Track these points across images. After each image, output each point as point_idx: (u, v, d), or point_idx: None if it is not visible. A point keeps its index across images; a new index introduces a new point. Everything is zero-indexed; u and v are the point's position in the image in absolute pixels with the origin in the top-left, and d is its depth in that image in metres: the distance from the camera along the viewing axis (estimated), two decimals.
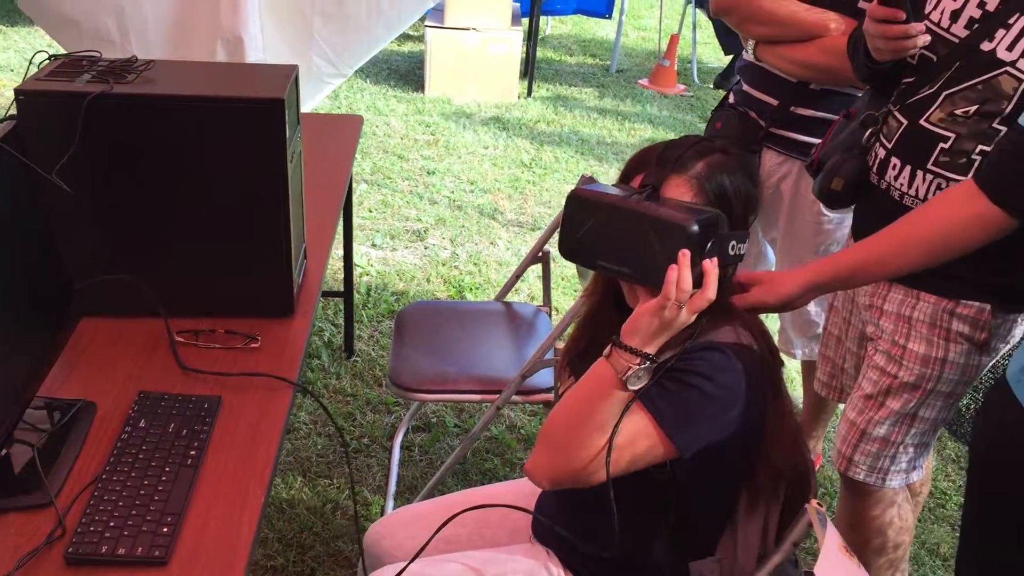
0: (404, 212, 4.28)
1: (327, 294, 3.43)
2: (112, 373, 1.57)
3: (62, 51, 2.85)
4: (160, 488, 1.31)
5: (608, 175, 4.80)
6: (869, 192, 1.80)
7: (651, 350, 1.25)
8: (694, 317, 1.24)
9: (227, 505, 1.31)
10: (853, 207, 1.92)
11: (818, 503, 1.32)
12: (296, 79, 1.74)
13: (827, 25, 2.07)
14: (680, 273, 1.21)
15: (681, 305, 1.22)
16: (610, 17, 7.41)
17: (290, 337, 1.73)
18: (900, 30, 1.62)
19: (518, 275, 2.62)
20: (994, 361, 1.76)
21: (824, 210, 2.21)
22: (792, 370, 3.03)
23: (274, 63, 3.03)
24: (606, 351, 1.28)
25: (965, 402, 3.00)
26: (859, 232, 1.90)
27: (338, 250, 3.44)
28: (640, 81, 6.79)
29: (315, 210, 2.14)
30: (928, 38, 1.64)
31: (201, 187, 1.62)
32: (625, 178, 1.40)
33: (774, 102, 2.23)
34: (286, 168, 1.62)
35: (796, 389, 2.96)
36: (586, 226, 1.33)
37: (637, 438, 1.28)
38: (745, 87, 2.30)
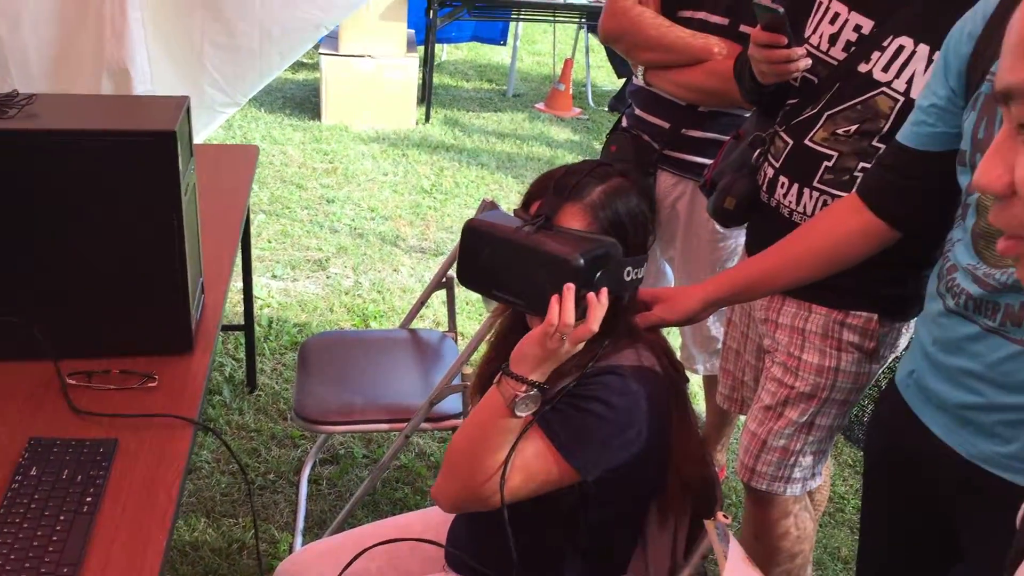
0: (304, 242, 4.23)
1: (227, 328, 3.35)
2: (0, 420, 1.50)
3: None
4: (55, 538, 1.26)
5: (509, 199, 4.84)
6: (760, 210, 1.86)
7: (537, 378, 1.27)
8: (579, 347, 1.27)
9: (127, 552, 1.26)
10: (746, 224, 1.99)
11: (724, 515, 1.34)
12: (188, 110, 1.70)
13: (711, 49, 2.14)
14: (563, 306, 1.24)
15: (563, 336, 1.24)
16: (504, 43, 7.51)
17: (189, 374, 1.68)
18: (783, 54, 1.69)
19: (422, 302, 2.61)
20: (883, 368, 1.84)
21: (719, 228, 2.27)
22: (695, 384, 3.10)
23: (164, 94, 2.97)
24: (496, 378, 1.30)
25: (856, 410, 3.12)
26: (752, 248, 1.97)
27: (237, 283, 3.37)
28: (536, 105, 6.88)
29: (212, 243, 2.10)
30: (809, 61, 1.72)
31: (91, 224, 1.57)
32: (525, 205, 1.41)
33: (665, 125, 2.29)
34: (180, 202, 1.59)
35: (699, 403, 3.02)
36: (481, 256, 1.35)
37: (535, 462, 1.31)
38: (637, 111, 2.36)
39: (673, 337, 3.66)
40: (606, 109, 6.97)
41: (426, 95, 6.27)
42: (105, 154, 1.52)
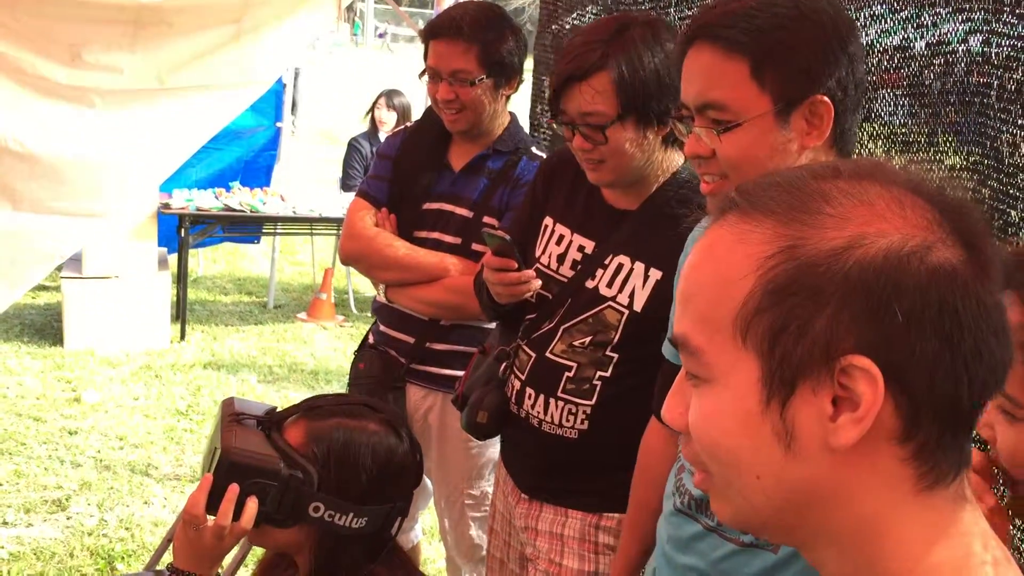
0: (42, 480, 3.88)
1: None
2: None
3: None
4: None
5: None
6: (512, 421, 1.93)
7: (192, 569, 1.35)
8: (227, 543, 1.34)
9: None
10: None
11: None
12: None
13: (446, 267, 2.27)
14: (197, 492, 1.33)
15: (196, 526, 1.32)
16: (258, 242, 7.49)
17: None
18: (514, 277, 1.82)
19: (169, 539, 2.44)
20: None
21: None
22: None
23: None
24: None
25: None
26: (507, 456, 2.02)
27: None
28: (299, 315, 6.86)
29: None
30: (539, 282, 1.85)
31: None
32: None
33: (410, 339, 2.37)
34: None
35: None
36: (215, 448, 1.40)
37: None
38: (382, 327, 2.43)
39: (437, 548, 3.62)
40: (369, 315, 7.05)
41: (181, 312, 6.11)
42: None
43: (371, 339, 2.48)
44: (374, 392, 2.35)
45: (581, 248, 1.83)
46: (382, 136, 6.95)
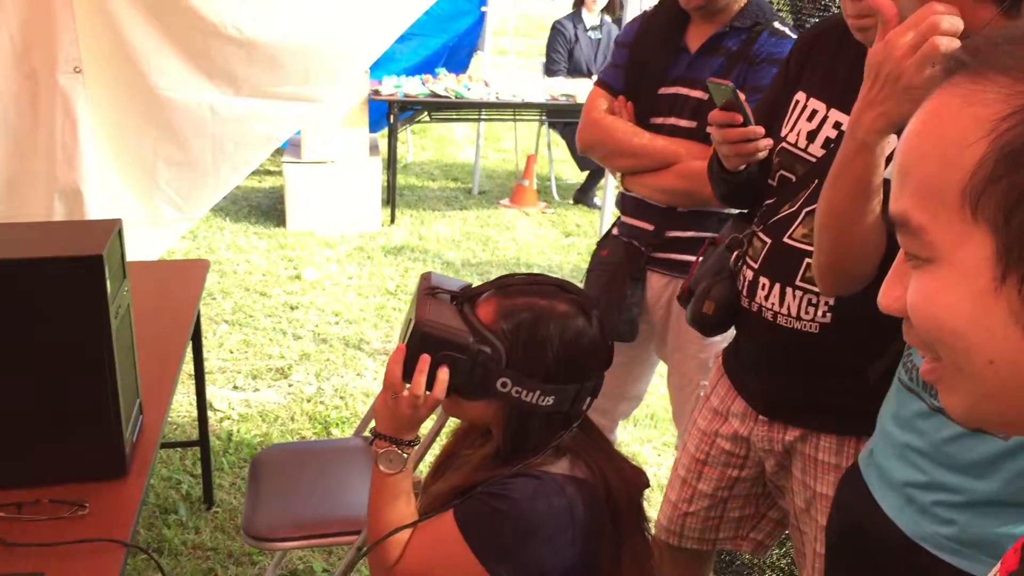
0: (267, 350, 4.21)
1: (183, 444, 3.30)
2: None
3: None
4: None
5: None
6: (741, 315, 1.81)
7: (391, 433, 1.40)
8: (421, 412, 1.37)
9: None
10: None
11: None
12: (120, 232, 1.71)
13: (678, 152, 2.20)
14: (391, 359, 1.36)
15: (394, 394, 1.36)
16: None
17: (123, 498, 1.65)
18: (739, 133, 1.68)
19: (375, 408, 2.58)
20: None
21: None
22: None
23: (111, 217, 2.99)
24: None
25: None
26: (730, 359, 1.94)
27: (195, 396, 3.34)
28: (502, 201, 6.97)
29: (154, 361, 2.08)
30: (769, 142, 1.70)
31: (20, 351, 1.56)
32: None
33: (650, 227, 2.33)
34: (109, 325, 1.58)
35: None
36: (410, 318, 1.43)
37: (442, 541, 1.36)
38: (623, 217, 2.41)
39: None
40: (571, 202, 7.07)
41: (391, 197, 6.35)
42: (32, 281, 1.53)
43: (615, 231, 2.46)
44: (612, 279, 2.34)
45: (837, 125, 1.66)
46: (587, 19, 6.79)
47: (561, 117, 6.70)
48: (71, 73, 2.78)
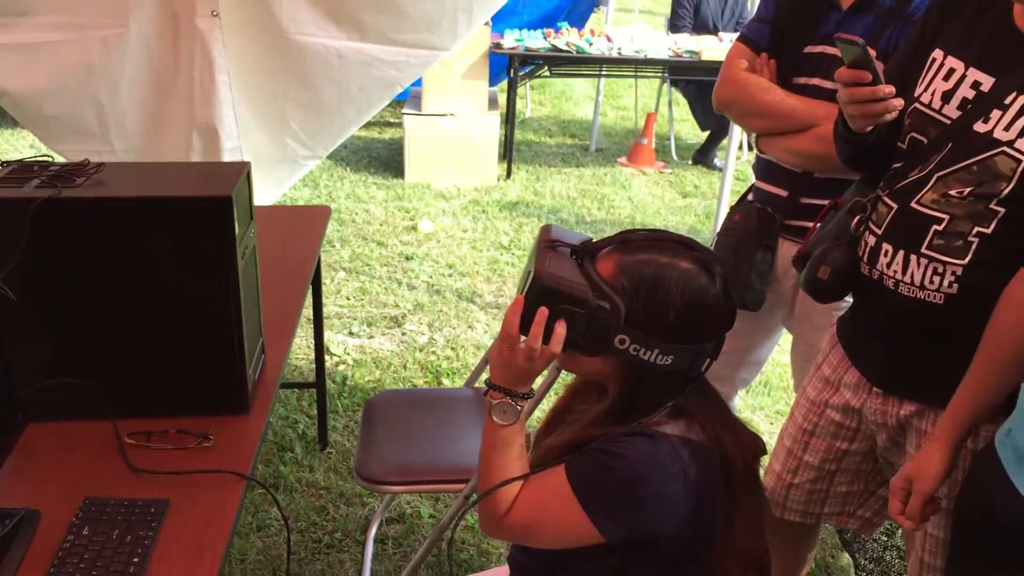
0: (382, 298, 4.29)
1: (300, 385, 3.40)
2: (59, 479, 1.54)
3: (44, 150, 2.91)
4: None
5: None
6: (860, 284, 1.73)
7: (506, 385, 1.38)
8: (537, 365, 1.35)
9: None
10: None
11: None
12: (248, 175, 1.75)
13: (817, 113, 2.07)
14: (509, 310, 1.34)
15: (510, 345, 1.34)
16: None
17: (245, 433, 1.70)
18: (867, 92, 1.58)
19: (487, 360, 2.60)
20: None
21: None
22: None
23: (244, 154, 3.09)
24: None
25: None
26: (844, 330, 1.86)
27: (312, 340, 3.43)
28: (619, 160, 6.88)
29: (277, 303, 2.14)
30: (900, 102, 1.60)
31: (151, 288, 1.61)
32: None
33: (784, 193, 2.23)
34: (236, 265, 1.62)
35: None
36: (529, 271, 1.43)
37: (552, 495, 1.35)
38: (757, 183, 2.32)
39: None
40: (690, 162, 6.92)
41: (508, 152, 6.34)
42: (164, 219, 1.58)
43: (750, 196, 2.38)
44: (741, 245, 2.26)
45: (976, 85, 1.55)
46: None
47: (684, 75, 6.53)
48: (209, 16, 2.87)
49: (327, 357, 3.58)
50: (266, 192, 3.37)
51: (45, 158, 1.73)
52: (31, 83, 3.01)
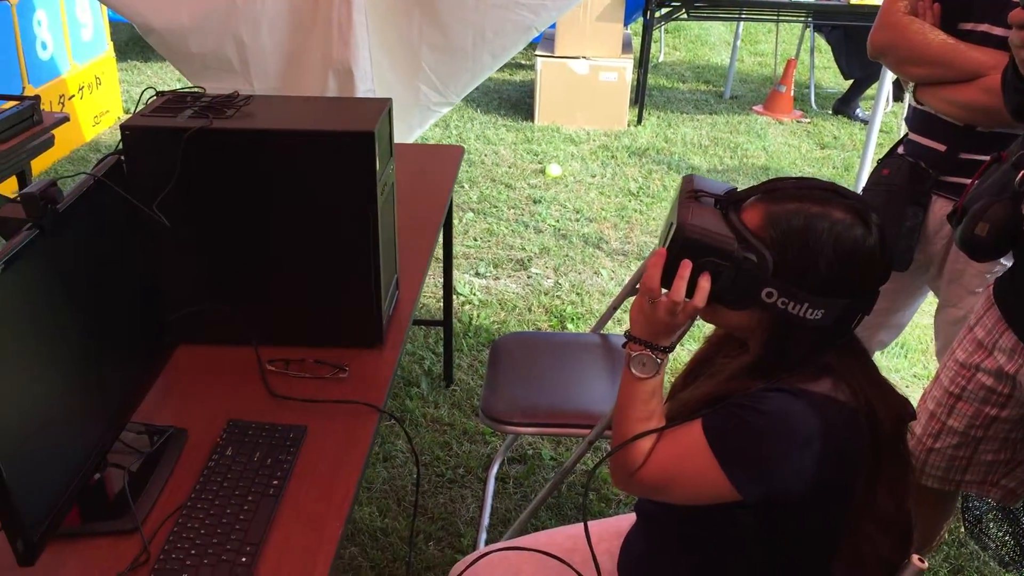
0: (509, 241, 4.30)
1: (428, 323, 3.46)
2: (204, 400, 1.61)
3: (187, 85, 3.02)
4: (242, 517, 1.33)
5: None
6: (1020, 241, 1.62)
7: (645, 337, 1.36)
8: (679, 319, 1.32)
9: (304, 537, 1.32)
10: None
11: (919, 559, 1.24)
12: (389, 112, 1.76)
13: (985, 62, 1.92)
14: (650, 263, 1.32)
15: (651, 299, 1.31)
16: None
17: (378, 366, 1.74)
18: None
19: (616, 306, 2.57)
20: None
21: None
22: None
23: (378, 96, 3.11)
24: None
25: None
26: (1002, 286, 1.77)
27: (441, 279, 3.47)
28: (754, 107, 6.65)
29: (411, 241, 2.16)
30: None
31: (294, 219, 1.65)
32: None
33: (941, 148, 2.09)
34: (376, 200, 1.64)
35: None
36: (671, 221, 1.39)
37: (689, 450, 1.32)
38: (911, 135, 2.18)
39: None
40: (830, 112, 6.63)
41: (640, 96, 6.22)
42: (308, 152, 1.60)
43: (900, 149, 2.24)
44: (889, 201, 2.13)
45: None
46: None
47: (829, 19, 6.23)
48: None
49: (455, 296, 3.62)
50: (398, 138, 3.41)
51: (197, 89, 1.78)
52: (176, 20, 3.10)
